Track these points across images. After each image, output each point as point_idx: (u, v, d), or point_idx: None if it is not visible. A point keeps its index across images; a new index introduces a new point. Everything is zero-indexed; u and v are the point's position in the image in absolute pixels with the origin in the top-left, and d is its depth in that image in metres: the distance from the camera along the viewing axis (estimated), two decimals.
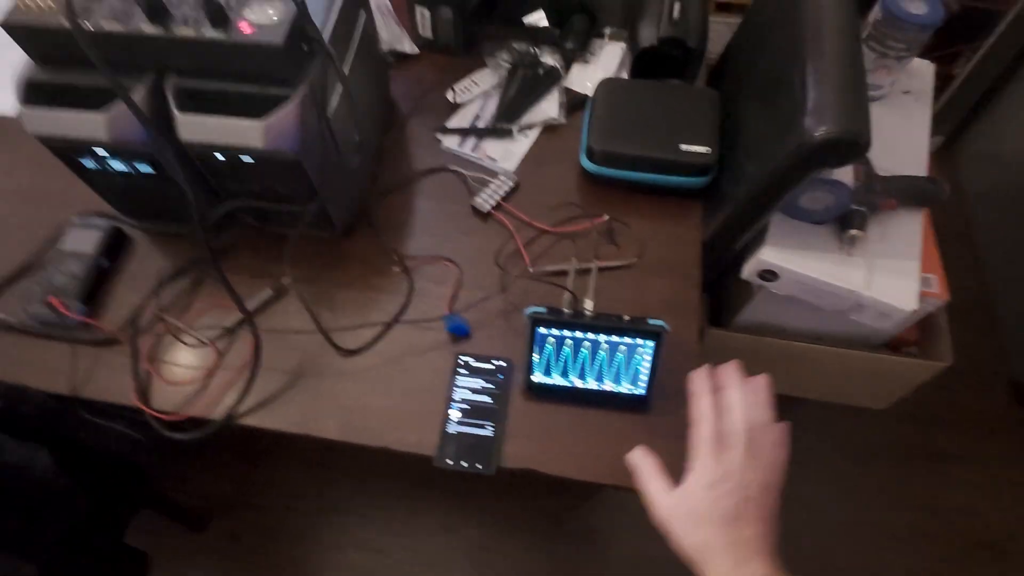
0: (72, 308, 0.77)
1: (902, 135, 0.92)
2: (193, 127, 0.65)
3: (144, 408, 0.73)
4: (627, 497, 1.32)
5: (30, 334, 0.78)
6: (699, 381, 0.55)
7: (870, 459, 1.37)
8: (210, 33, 0.62)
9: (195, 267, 0.82)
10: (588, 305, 0.69)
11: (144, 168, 0.72)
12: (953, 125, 1.68)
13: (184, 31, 0.62)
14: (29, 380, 0.75)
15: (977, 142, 1.66)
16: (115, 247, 0.84)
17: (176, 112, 0.64)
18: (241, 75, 0.66)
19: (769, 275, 0.84)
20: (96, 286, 0.81)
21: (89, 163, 0.72)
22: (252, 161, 0.69)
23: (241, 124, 0.64)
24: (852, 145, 0.64)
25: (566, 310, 0.69)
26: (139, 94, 0.64)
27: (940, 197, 0.84)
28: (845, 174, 0.80)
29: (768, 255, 0.81)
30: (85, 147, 0.69)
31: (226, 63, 0.64)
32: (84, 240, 0.82)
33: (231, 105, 0.66)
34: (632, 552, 1.29)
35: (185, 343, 0.78)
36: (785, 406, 1.47)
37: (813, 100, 0.66)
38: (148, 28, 0.62)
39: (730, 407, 0.53)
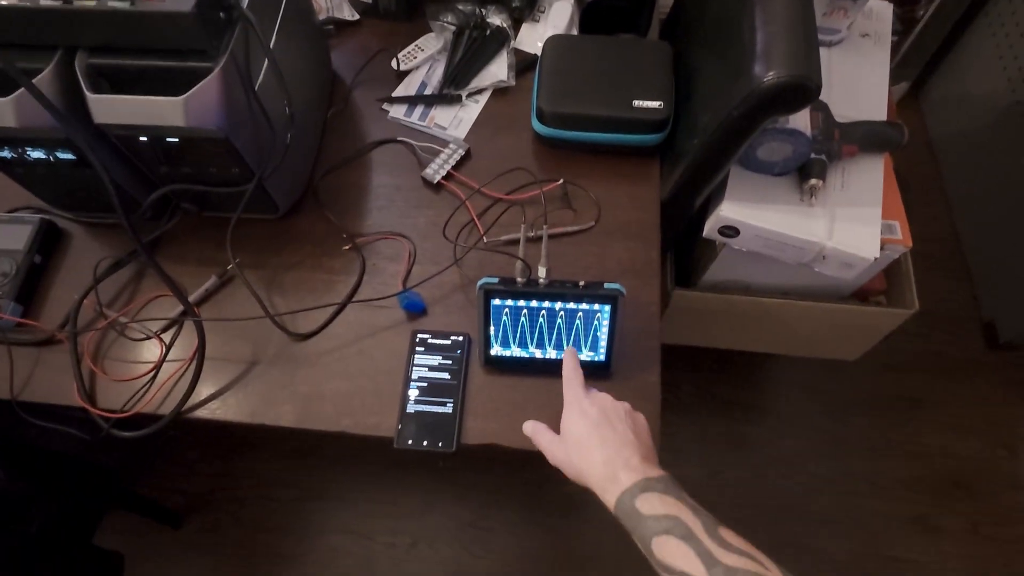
0: (6, 309, 0.74)
1: (861, 79, 0.89)
2: (107, 108, 0.61)
3: (89, 408, 0.70)
4: None
5: None
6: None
7: (847, 410, 1.38)
8: (114, 3, 0.57)
9: (134, 258, 0.78)
10: (542, 273, 0.67)
11: (65, 155, 0.68)
12: (918, 70, 1.66)
13: (85, 2, 0.57)
14: None
15: (943, 86, 1.64)
16: (48, 242, 0.80)
17: (88, 93, 0.60)
18: (155, 49, 0.61)
19: (730, 231, 0.82)
20: (30, 284, 0.77)
21: (5, 153, 0.68)
22: (178, 142, 0.65)
23: (159, 102, 0.60)
24: (802, 89, 0.61)
25: (519, 279, 0.67)
26: (46, 75, 0.60)
27: (901, 142, 0.82)
28: (802, 122, 0.77)
29: (728, 211, 0.79)
30: None
31: (136, 36, 0.60)
32: (13, 236, 0.78)
33: (148, 82, 0.62)
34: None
35: (129, 337, 0.75)
36: (759, 363, 1.47)
37: (761, 45, 0.63)
38: (46, 1, 0.58)
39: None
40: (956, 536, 1.27)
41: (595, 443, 0.55)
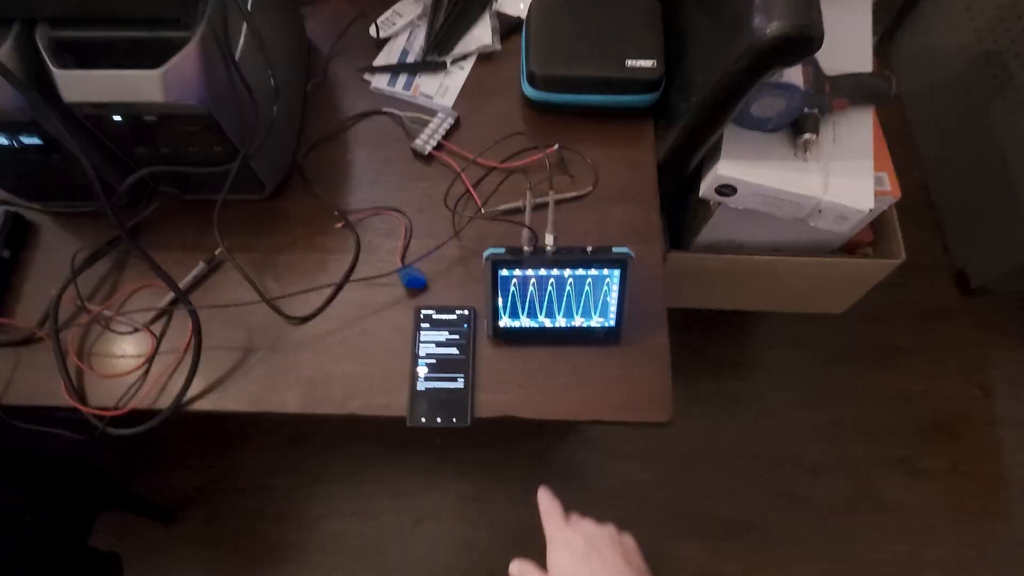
0: None
1: (845, 31, 0.89)
2: (77, 85, 0.57)
3: (80, 407, 0.67)
4: (603, 430, 1.34)
5: None
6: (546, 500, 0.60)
7: (833, 361, 1.41)
8: None
9: (114, 247, 0.74)
10: (549, 240, 0.65)
11: (31, 140, 0.63)
12: (887, 22, 1.67)
13: None
14: None
15: (911, 39, 1.65)
16: (15, 235, 0.75)
17: (54, 68, 0.56)
18: (125, 19, 0.57)
19: (727, 190, 0.81)
20: (1, 281, 0.72)
21: None
22: (156, 120, 0.61)
23: (134, 76, 0.56)
24: (805, 41, 0.60)
25: (526, 248, 0.65)
26: (4, 51, 0.55)
27: (889, 93, 0.83)
28: (795, 76, 0.77)
29: (725, 169, 0.79)
30: None
31: (103, 4, 0.55)
32: None
33: (117, 56, 0.58)
34: (615, 482, 1.31)
35: (116, 331, 0.71)
36: (746, 322, 1.49)
37: None
38: None
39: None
40: (938, 475, 1.33)
41: None
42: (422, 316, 0.71)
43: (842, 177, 0.80)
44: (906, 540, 1.28)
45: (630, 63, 0.77)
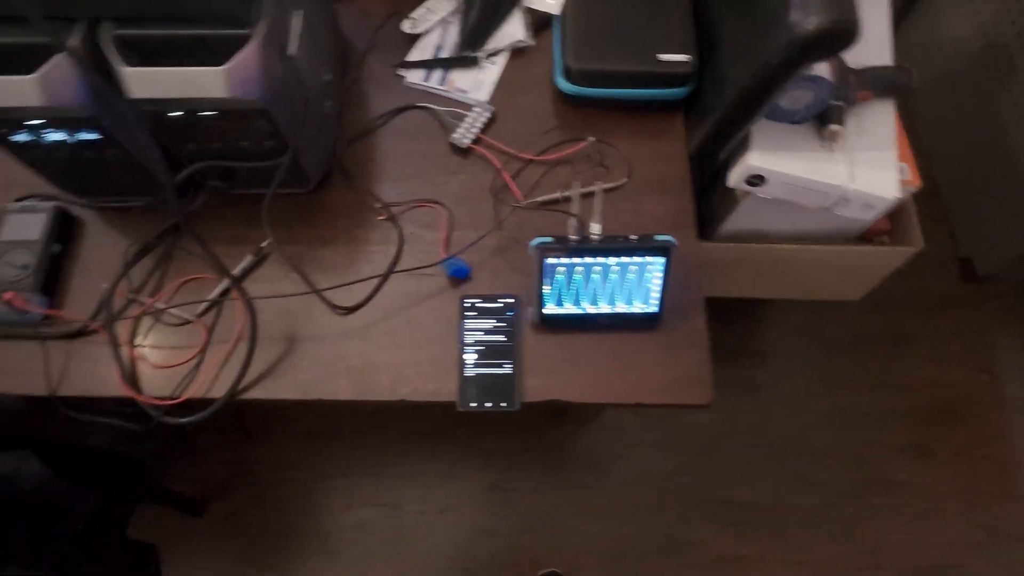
0: (32, 302, 0.70)
1: (865, 24, 0.91)
2: (144, 82, 0.58)
3: (137, 396, 0.68)
4: (622, 417, 1.37)
5: None
6: None
7: (843, 349, 1.45)
8: None
9: (162, 241, 0.75)
10: (596, 229, 0.67)
11: (87, 136, 0.64)
12: (893, 14, 1.70)
13: None
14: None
15: (916, 31, 1.68)
16: (64, 231, 0.76)
17: (121, 66, 0.57)
18: (185, 16, 0.58)
19: (757, 180, 0.84)
20: (52, 275, 0.74)
21: (21, 136, 0.64)
22: (212, 115, 0.63)
23: (198, 73, 0.58)
24: (843, 34, 0.63)
25: (573, 237, 0.67)
26: (74, 49, 0.57)
27: (911, 85, 0.85)
28: (823, 69, 0.79)
29: (756, 160, 0.81)
30: (15, 118, 0.61)
31: (165, 3, 0.57)
32: (28, 226, 0.74)
33: (180, 53, 0.59)
34: (633, 469, 1.34)
35: (167, 323, 0.73)
36: (759, 311, 1.52)
37: None
38: None
39: None
40: (946, 458, 1.36)
41: None
42: (467, 305, 0.73)
43: (867, 167, 0.82)
44: (916, 522, 1.32)
45: (663, 57, 0.79)
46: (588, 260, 0.67)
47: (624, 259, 0.67)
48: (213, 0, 0.58)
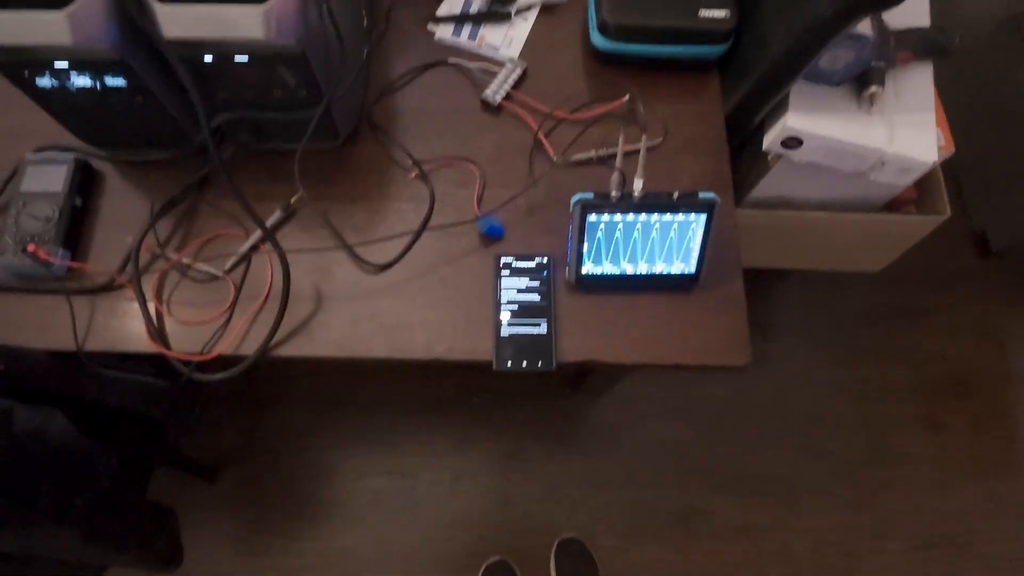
0: (55, 255, 0.68)
1: None
2: (179, 20, 0.56)
3: (166, 352, 0.67)
4: (636, 388, 1.37)
5: (12, 290, 0.69)
6: None
7: (855, 322, 1.45)
8: None
9: (189, 195, 0.73)
10: (638, 185, 0.66)
11: (115, 81, 0.62)
12: None
13: None
14: (26, 341, 0.67)
15: (939, 5, 1.66)
16: (85, 184, 0.74)
17: (155, 2, 0.54)
18: None
19: (793, 142, 0.82)
20: (75, 228, 0.72)
21: (45, 81, 0.61)
22: (246, 60, 0.60)
23: (236, 11, 0.55)
24: None
25: (614, 193, 0.66)
26: None
27: (951, 48, 0.84)
28: (864, 28, 0.77)
29: (794, 121, 0.80)
30: (41, 59, 0.58)
31: None
32: (48, 178, 0.71)
33: None
34: (646, 438, 1.34)
35: (194, 279, 0.71)
36: (774, 284, 1.51)
37: None
38: None
39: None
40: (957, 430, 1.38)
41: None
42: (502, 263, 0.72)
43: (906, 130, 0.81)
44: (927, 492, 1.33)
45: (703, 13, 0.77)
46: (630, 218, 0.66)
47: (667, 217, 0.66)
48: None
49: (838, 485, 1.33)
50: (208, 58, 0.60)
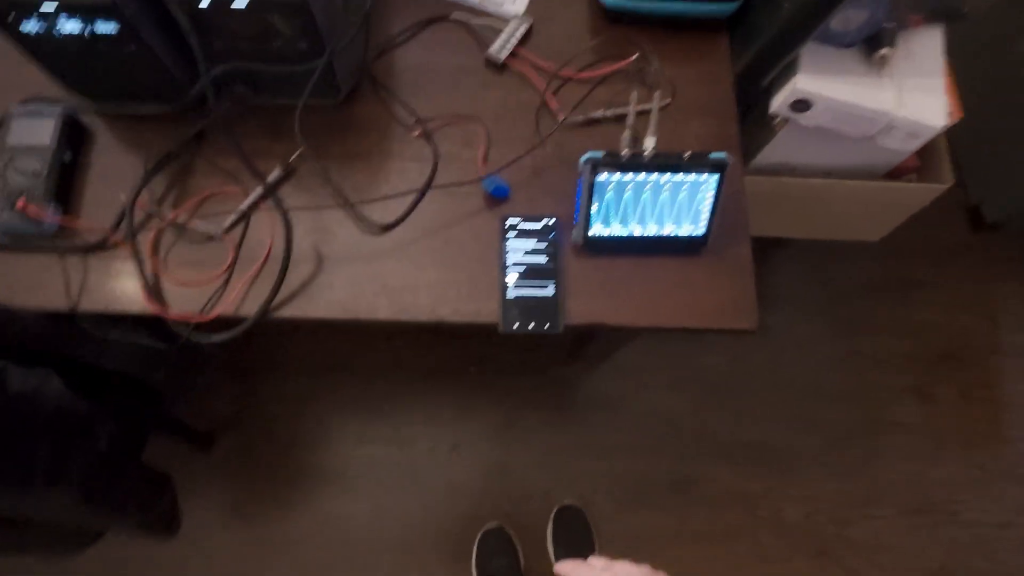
0: (46, 211, 0.66)
1: None
2: None
3: (163, 313, 0.65)
4: (634, 358, 1.37)
5: (2, 248, 0.67)
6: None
7: (851, 293, 1.45)
8: None
9: (185, 152, 0.71)
10: (649, 144, 0.64)
11: (105, 27, 0.59)
12: None
13: None
14: (18, 301, 0.65)
15: None
16: (74, 138, 0.71)
17: None
18: None
19: (802, 105, 0.81)
20: (65, 184, 0.69)
21: (31, 25, 0.58)
22: (244, 7, 0.58)
23: None
24: None
25: (626, 151, 0.64)
26: None
27: (962, 10, 0.82)
28: None
29: (804, 83, 0.78)
30: (26, 1, 0.55)
31: None
32: (36, 131, 0.69)
33: None
34: (644, 408, 1.35)
35: (191, 239, 0.69)
36: (775, 255, 1.50)
37: None
38: None
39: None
40: (948, 400, 1.40)
41: None
42: (507, 225, 0.70)
43: (915, 93, 0.80)
44: (916, 460, 1.35)
45: None
46: (640, 178, 0.65)
47: (678, 177, 0.65)
48: None
49: (831, 454, 1.35)
50: (204, 3, 0.57)
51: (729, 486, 1.31)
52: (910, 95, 0.80)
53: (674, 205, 0.67)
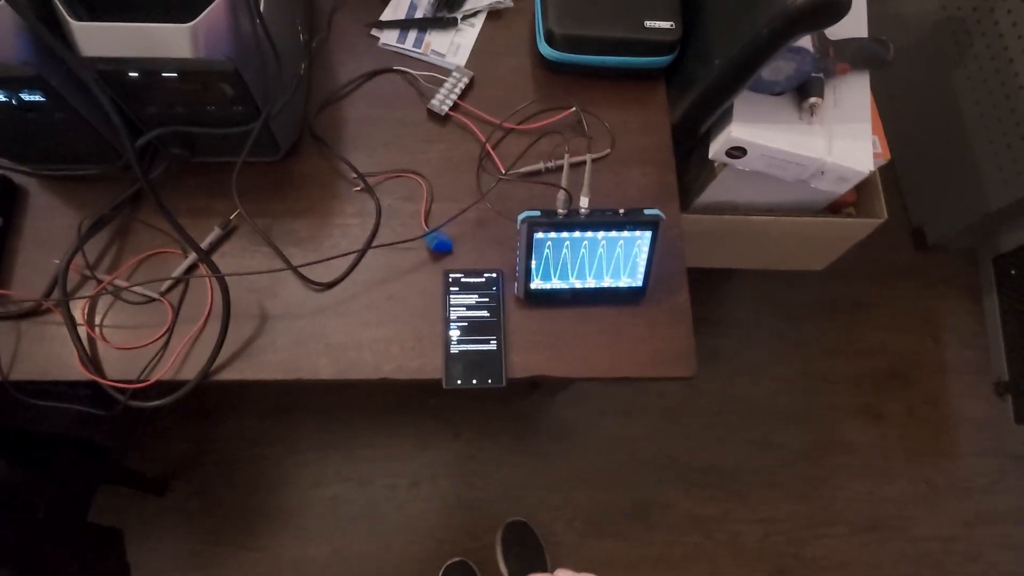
0: None
1: None
2: (97, 38, 0.53)
3: (99, 380, 0.64)
4: (593, 387, 1.39)
5: None
6: None
7: (802, 317, 1.50)
8: None
9: (120, 212, 0.70)
10: (584, 203, 0.66)
11: (32, 97, 0.58)
12: None
13: None
14: None
15: (877, 6, 1.71)
16: (5, 200, 0.70)
17: (70, 19, 0.51)
18: None
19: (737, 152, 0.84)
20: None
21: None
22: (175, 76, 0.58)
23: (161, 30, 0.53)
24: (836, 6, 0.62)
25: (560, 211, 0.66)
26: None
27: (887, 59, 0.86)
28: (805, 41, 0.79)
29: (738, 132, 0.81)
30: None
31: None
32: None
33: (139, 6, 0.54)
34: (602, 436, 1.36)
35: (129, 301, 0.68)
36: (721, 280, 1.53)
37: None
38: None
39: None
40: (895, 419, 1.44)
41: None
42: (451, 279, 0.71)
43: (844, 140, 0.83)
44: (867, 479, 1.39)
45: (648, 24, 0.77)
46: (576, 235, 0.66)
47: (613, 233, 0.66)
48: None
49: (785, 475, 1.38)
50: (134, 74, 0.57)
51: (687, 511, 1.33)
52: (838, 142, 0.83)
53: (611, 259, 0.68)
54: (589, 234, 0.66)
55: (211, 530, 1.23)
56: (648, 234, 0.67)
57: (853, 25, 0.90)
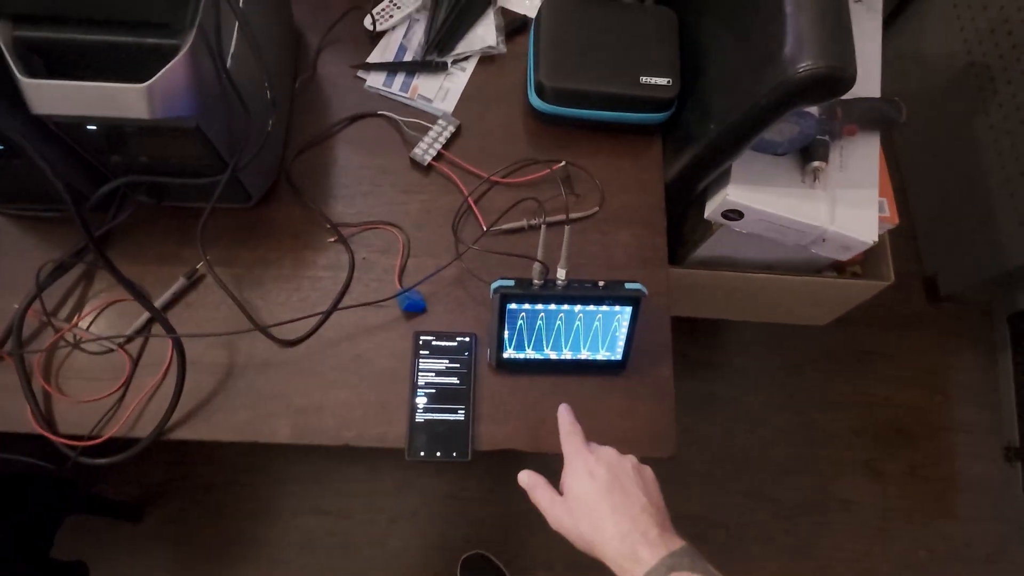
0: None
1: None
2: (48, 96, 0.50)
3: (49, 436, 0.62)
4: None
5: None
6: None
7: (805, 365, 1.44)
8: None
9: (81, 258, 0.68)
10: (561, 274, 0.62)
11: None
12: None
13: None
14: None
15: (899, 44, 1.65)
16: None
17: (20, 76, 0.49)
18: (104, 20, 0.50)
19: (734, 214, 0.80)
20: None
21: None
22: (136, 130, 0.55)
23: (116, 90, 0.50)
24: (838, 81, 0.58)
25: (536, 281, 0.62)
26: None
27: (899, 120, 0.82)
28: None
29: (734, 195, 0.77)
30: None
31: (78, 2, 0.49)
32: None
33: (97, 61, 0.51)
34: None
35: (87, 351, 0.66)
36: (724, 326, 1.49)
37: (792, 29, 0.59)
38: None
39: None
40: (897, 478, 1.39)
41: (606, 511, 0.48)
42: (421, 342, 0.68)
43: (848, 207, 0.79)
44: (865, 539, 1.34)
45: (644, 80, 0.74)
46: (552, 308, 0.63)
47: (591, 307, 0.63)
48: (139, 5, 0.50)
49: (780, 530, 1.33)
50: (92, 127, 0.55)
51: None
52: (842, 209, 0.79)
53: (589, 332, 0.65)
54: (566, 307, 0.63)
55: (185, 559, 1.21)
56: (628, 309, 0.63)
57: (864, 83, 0.85)
